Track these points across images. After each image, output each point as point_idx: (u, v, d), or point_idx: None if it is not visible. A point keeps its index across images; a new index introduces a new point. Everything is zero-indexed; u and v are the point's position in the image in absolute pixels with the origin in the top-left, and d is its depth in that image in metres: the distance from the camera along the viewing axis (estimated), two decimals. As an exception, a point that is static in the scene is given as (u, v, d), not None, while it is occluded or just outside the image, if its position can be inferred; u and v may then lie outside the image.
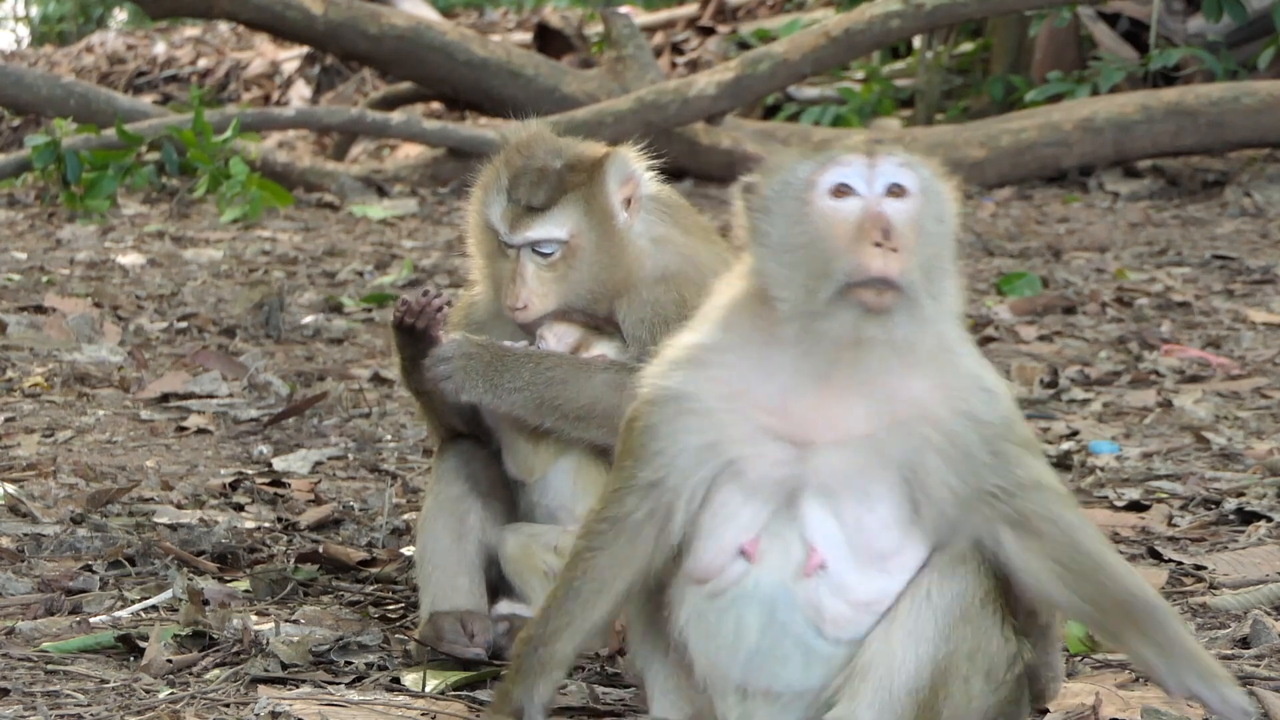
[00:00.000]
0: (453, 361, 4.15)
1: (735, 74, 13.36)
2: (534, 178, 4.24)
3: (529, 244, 4.22)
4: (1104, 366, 7.87)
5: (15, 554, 5.00)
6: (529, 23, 21.02)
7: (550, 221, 4.21)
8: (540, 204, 4.22)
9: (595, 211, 4.23)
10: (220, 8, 14.10)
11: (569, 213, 4.22)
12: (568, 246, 4.22)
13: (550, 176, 4.24)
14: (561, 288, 4.22)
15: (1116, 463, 6.28)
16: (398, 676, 4.05)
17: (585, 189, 4.23)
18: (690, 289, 4.27)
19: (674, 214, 4.39)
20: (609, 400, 4.16)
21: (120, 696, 3.91)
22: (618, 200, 4.26)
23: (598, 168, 4.25)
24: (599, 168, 4.25)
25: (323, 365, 7.72)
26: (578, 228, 4.22)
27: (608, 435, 4.19)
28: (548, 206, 4.22)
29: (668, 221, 4.36)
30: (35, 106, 14.02)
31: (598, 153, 4.30)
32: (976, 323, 8.80)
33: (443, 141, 13.57)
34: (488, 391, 4.16)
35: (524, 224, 4.22)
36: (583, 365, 4.18)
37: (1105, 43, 15.42)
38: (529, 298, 4.21)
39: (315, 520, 5.44)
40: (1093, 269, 10.31)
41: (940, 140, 13.97)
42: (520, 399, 4.16)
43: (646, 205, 4.32)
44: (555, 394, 4.16)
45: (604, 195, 4.24)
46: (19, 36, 29.39)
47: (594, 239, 4.23)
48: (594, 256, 4.23)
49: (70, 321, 8.07)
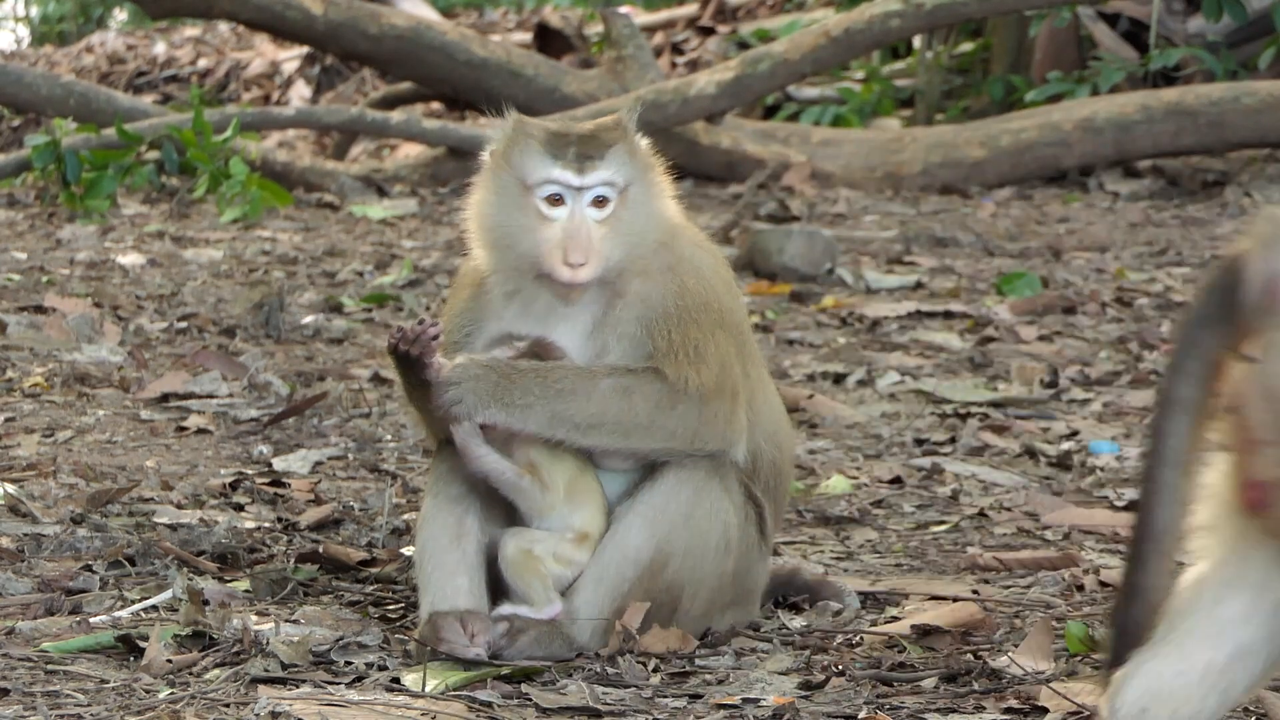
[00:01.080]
0: (462, 386, 4.15)
1: (735, 74, 13.35)
2: (574, 134, 4.28)
3: (599, 184, 4.22)
4: (1104, 366, 7.87)
5: (15, 554, 5.00)
6: (529, 23, 21.01)
7: (610, 166, 4.24)
8: (595, 151, 4.24)
9: (639, 162, 4.28)
10: (220, 8, 14.09)
11: (621, 159, 4.25)
12: (622, 196, 4.25)
13: (587, 131, 4.29)
14: (615, 242, 4.23)
15: (1116, 463, 6.28)
16: (398, 676, 4.05)
17: (625, 141, 4.28)
18: (678, 281, 4.29)
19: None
20: (617, 406, 4.16)
21: (120, 696, 3.91)
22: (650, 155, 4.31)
23: (624, 124, 4.30)
24: (625, 124, 4.30)
25: (323, 365, 7.72)
26: (631, 175, 4.26)
27: (618, 441, 4.19)
28: (603, 153, 4.24)
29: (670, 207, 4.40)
30: (35, 106, 14.02)
31: (611, 117, 4.35)
32: (977, 322, 8.81)
33: (443, 141, 13.57)
34: (500, 411, 4.16)
35: (590, 167, 4.23)
36: (587, 374, 4.19)
37: (1105, 43, 15.41)
38: (590, 254, 4.20)
39: (315, 520, 5.45)
40: (1093, 269, 10.31)
41: (940, 140, 13.97)
42: (533, 415, 4.17)
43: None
44: (565, 406, 4.17)
45: (641, 148, 4.30)
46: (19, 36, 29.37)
47: (641, 189, 4.27)
48: (641, 209, 4.27)
49: (70, 321, 8.07)
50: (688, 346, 4.23)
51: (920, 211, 12.62)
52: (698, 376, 4.22)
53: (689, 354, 4.22)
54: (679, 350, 4.22)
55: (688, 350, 4.22)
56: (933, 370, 7.84)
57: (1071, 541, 5.34)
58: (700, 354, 4.23)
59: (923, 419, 6.98)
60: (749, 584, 4.42)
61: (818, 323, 8.88)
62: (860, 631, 4.44)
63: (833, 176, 13.74)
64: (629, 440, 4.21)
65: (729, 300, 4.37)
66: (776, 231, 10.04)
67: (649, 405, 4.19)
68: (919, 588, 4.83)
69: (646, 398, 4.19)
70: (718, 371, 4.24)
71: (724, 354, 4.27)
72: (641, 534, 4.22)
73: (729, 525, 4.30)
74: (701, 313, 4.27)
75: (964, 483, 6.04)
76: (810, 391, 7.27)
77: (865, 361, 7.93)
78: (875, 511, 5.72)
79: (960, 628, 4.42)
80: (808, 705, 3.90)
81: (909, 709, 3.87)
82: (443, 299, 9.17)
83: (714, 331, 4.27)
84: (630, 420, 4.19)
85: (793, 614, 4.62)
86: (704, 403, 4.21)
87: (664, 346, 4.23)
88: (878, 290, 9.61)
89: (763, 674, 4.10)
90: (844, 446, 6.56)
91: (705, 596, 4.31)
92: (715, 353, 4.25)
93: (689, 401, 4.21)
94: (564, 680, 4.05)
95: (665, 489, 4.24)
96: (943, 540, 5.40)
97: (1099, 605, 4.66)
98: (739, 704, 3.90)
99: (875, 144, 14.10)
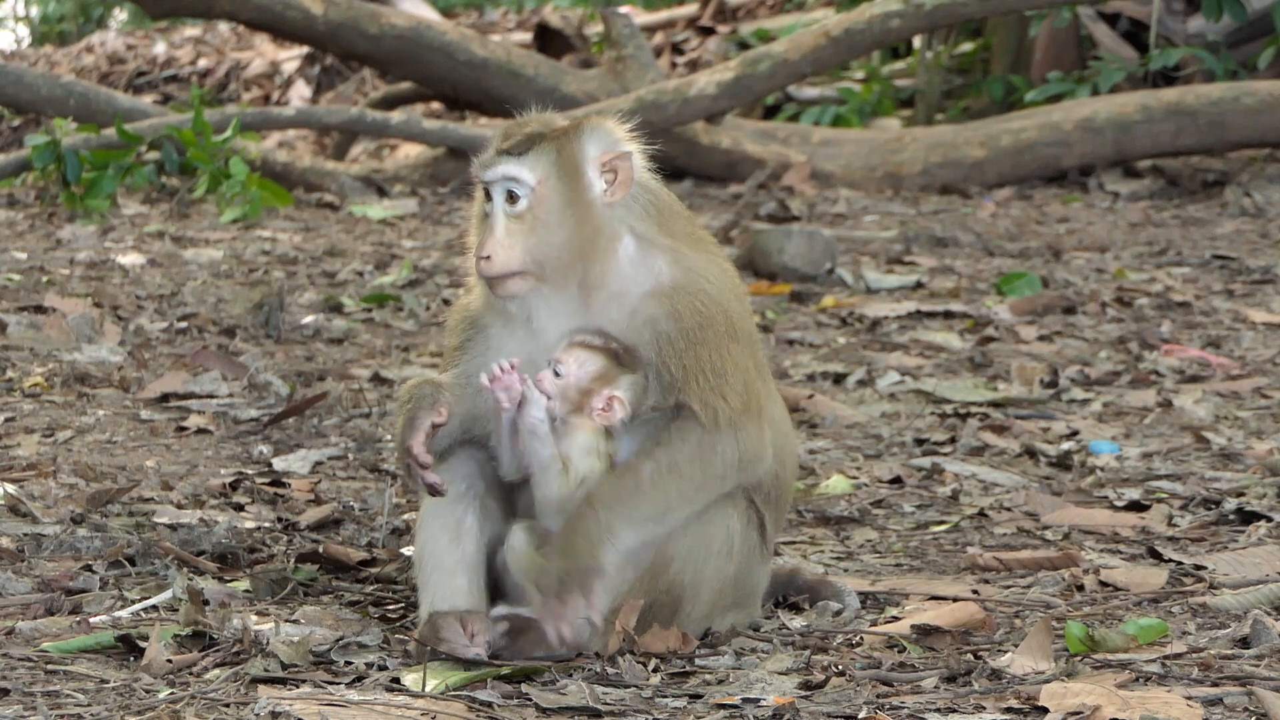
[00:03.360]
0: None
1: (735, 74, 13.35)
2: (517, 129, 4.29)
3: (499, 180, 4.21)
4: (1104, 366, 7.87)
5: (15, 554, 5.00)
6: (529, 23, 21.01)
7: (521, 164, 4.23)
8: (513, 148, 4.24)
9: (566, 166, 4.24)
10: (220, 8, 14.09)
11: (540, 160, 4.23)
12: (535, 195, 4.22)
13: (531, 127, 4.29)
14: (529, 243, 4.20)
15: (1116, 463, 6.28)
16: (398, 676, 4.05)
17: (559, 142, 4.25)
18: (684, 299, 4.25)
19: (663, 216, 4.33)
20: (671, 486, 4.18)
21: (120, 696, 3.91)
22: (593, 163, 4.25)
23: (576, 127, 4.28)
24: (577, 127, 4.28)
25: (323, 365, 7.72)
26: (546, 175, 4.22)
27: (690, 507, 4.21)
28: (521, 151, 4.23)
29: (653, 221, 4.30)
30: (35, 106, 14.01)
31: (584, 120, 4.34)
32: (977, 322, 8.81)
33: (443, 141, 13.57)
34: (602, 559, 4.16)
35: (496, 161, 4.24)
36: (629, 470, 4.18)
37: (1105, 43, 15.41)
38: (494, 247, 4.19)
39: (315, 520, 5.45)
40: (1093, 269, 10.31)
41: (940, 140, 13.97)
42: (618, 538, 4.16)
43: (637, 195, 4.30)
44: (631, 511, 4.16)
45: (577, 152, 4.25)
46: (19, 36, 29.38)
47: (563, 194, 4.23)
48: (562, 215, 4.22)
49: (70, 321, 8.07)
50: (706, 370, 4.20)
51: (920, 211, 12.62)
52: (726, 405, 4.19)
53: (709, 377, 4.20)
54: (696, 376, 4.20)
55: (707, 374, 4.20)
56: (933, 370, 7.84)
57: (1071, 541, 5.34)
58: (721, 375, 4.21)
59: (923, 419, 6.98)
60: (749, 587, 4.42)
61: (818, 323, 8.88)
62: (860, 631, 4.44)
63: (833, 176, 13.74)
64: (694, 504, 4.21)
65: (739, 309, 4.33)
66: (776, 231, 10.04)
67: (697, 465, 4.18)
68: (919, 588, 4.83)
69: (691, 460, 4.18)
70: (742, 390, 4.22)
71: (743, 369, 4.25)
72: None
73: (730, 529, 4.29)
74: (713, 329, 4.23)
75: (964, 483, 6.04)
76: (810, 391, 7.27)
77: (865, 361, 7.94)
78: (875, 511, 5.72)
79: (960, 628, 4.42)
80: (808, 705, 3.90)
81: (909, 709, 3.87)
82: (443, 299, 9.18)
83: (729, 346, 4.24)
84: (688, 488, 4.19)
85: (793, 614, 4.61)
86: (737, 430, 4.21)
87: (681, 375, 4.20)
88: (878, 290, 9.61)
89: (763, 674, 4.10)
90: (844, 446, 6.56)
91: (706, 599, 4.31)
92: (735, 369, 4.23)
93: (726, 437, 4.20)
94: (564, 680, 4.05)
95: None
96: (943, 540, 5.40)
97: (1099, 605, 4.66)
98: (739, 704, 3.90)
99: (875, 144, 14.10)
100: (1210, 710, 3.82)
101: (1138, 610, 4.59)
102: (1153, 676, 4.02)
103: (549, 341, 4.25)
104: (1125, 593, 4.77)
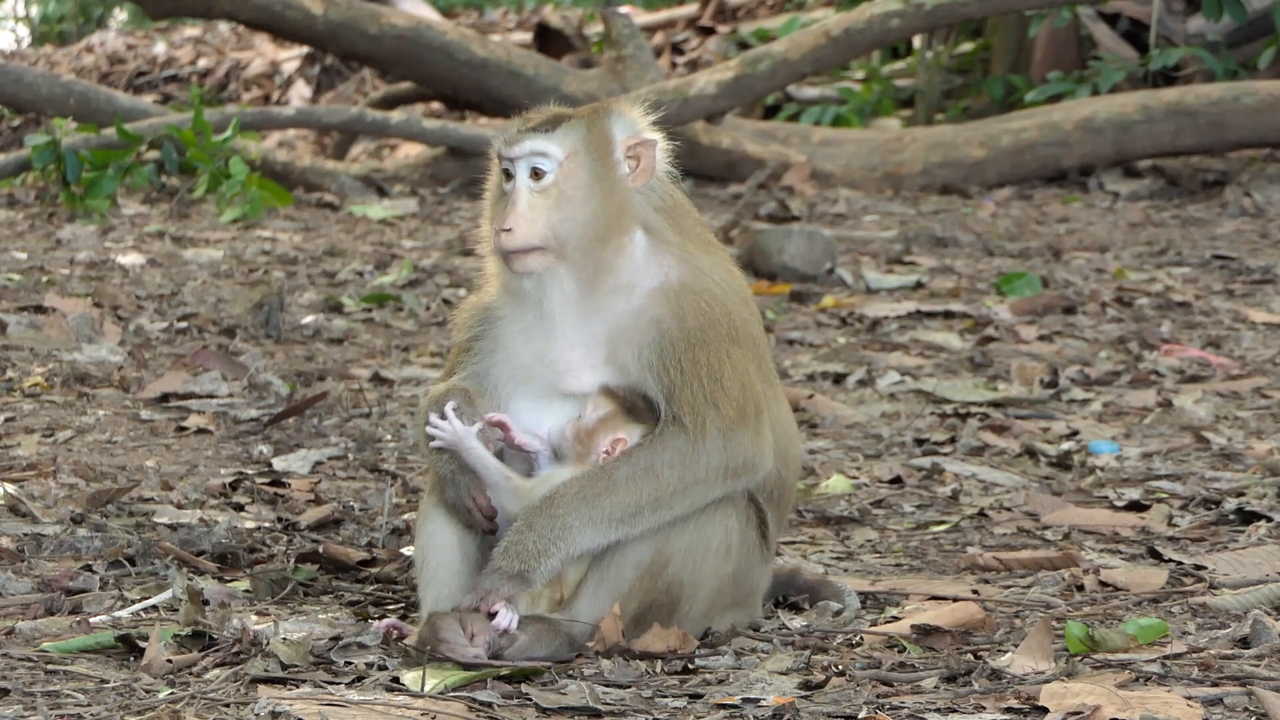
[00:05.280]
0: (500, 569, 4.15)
1: (735, 73, 13.35)
2: (542, 110, 4.31)
3: (525, 155, 4.21)
4: (1104, 366, 7.88)
5: (15, 554, 5.00)
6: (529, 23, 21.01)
7: (550, 139, 4.23)
8: (541, 125, 4.25)
9: (595, 143, 4.25)
10: (220, 8, 14.09)
11: (569, 135, 4.24)
12: (562, 169, 4.22)
13: (557, 109, 4.30)
14: (552, 218, 4.20)
15: (1116, 463, 6.28)
16: (398, 676, 4.05)
17: (589, 119, 4.27)
18: (689, 299, 4.24)
19: (676, 212, 4.35)
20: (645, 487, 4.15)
21: (120, 696, 3.91)
22: (620, 145, 4.27)
23: (605, 107, 4.31)
24: (606, 107, 4.31)
25: (323, 365, 7.72)
26: (575, 150, 4.23)
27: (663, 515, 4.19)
28: (550, 128, 4.24)
29: (665, 215, 4.31)
30: (35, 106, 14.01)
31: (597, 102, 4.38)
32: (976, 322, 8.81)
33: (443, 141, 13.57)
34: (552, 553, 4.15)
35: (522, 138, 4.24)
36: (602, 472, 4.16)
37: (1105, 43, 15.41)
38: (517, 220, 4.19)
39: (315, 520, 5.45)
40: (1093, 269, 10.31)
41: (940, 140, 13.97)
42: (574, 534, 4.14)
43: (655, 186, 4.31)
44: (595, 510, 4.14)
45: (606, 131, 4.26)
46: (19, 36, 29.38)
47: (592, 169, 4.24)
48: (589, 191, 4.23)
49: (70, 321, 8.07)
50: (702, 374, 4.20)
51: (920, 211, 12.62)
52: (717, 413, 4.18)
53: (704, 382, 4.19)
54: (692, 380, 4.19)
55: (703, 378, 4.20)
56: (933, 370, 7.84)
57: (1071, 541, 5.34)
58: (717, 379, 4.20)
59: (923, 419, 6.98)
60: (749, 586, 4.41)
61: (818, 323, 8.88)
62: (860, 631, 4.44)
63: (833, 176, 13.75)
64: (672, 510, 4.19)
65: (743, 312, 4.32)
66: (776, 231, 10.04)
67: (676, 471, 4.17)
68: (919, 588, 4.83)
69: (670, 465, 4.17)
70: (739, 395, 4.21)
71: (743, 373, 4.24)
72: (642, 536, 4.22)
73: (730, 528, 4.29)
74: (715, 331, 4.22)
75: (964, 483, 6.04)
76: (810, 391, 7.27)
77: (865, 361, 7.94)
78: (875, 511, 5.72)
79: (960, 628, 4.42)
80: (808, 705, 3.90)
81: (909, 709, 3.87)
82: (443, 299, 9.17)
83: (729, 349, 4.23)
84: (663, 492, 4.17)
85: (793, 614, 4.61)
86: (727, 438, 4.20)
87: (678, 379, 4.19)
88: (878, 290, 9.61)
89: (763, 674, 4.10)
90: (844, 446, 6.56)
91: (705, 598, 4.30)
92: (733, 374, 4.21)
93: (713, 445, 4.18)
94: (564, 680, 4.05)
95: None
96: (943, 540, 5.40)
97: (1099, 605, 4.66)
98: (739, 704, 3.90)
99: (875, 144, 14.10)
100: (1210, 710, 3.82)
101: (1138, 610, 4.59)
102: (1153, 676, 4.02)
103: (558, 336, 4.25)
104: (1125, 593, 4.77)
